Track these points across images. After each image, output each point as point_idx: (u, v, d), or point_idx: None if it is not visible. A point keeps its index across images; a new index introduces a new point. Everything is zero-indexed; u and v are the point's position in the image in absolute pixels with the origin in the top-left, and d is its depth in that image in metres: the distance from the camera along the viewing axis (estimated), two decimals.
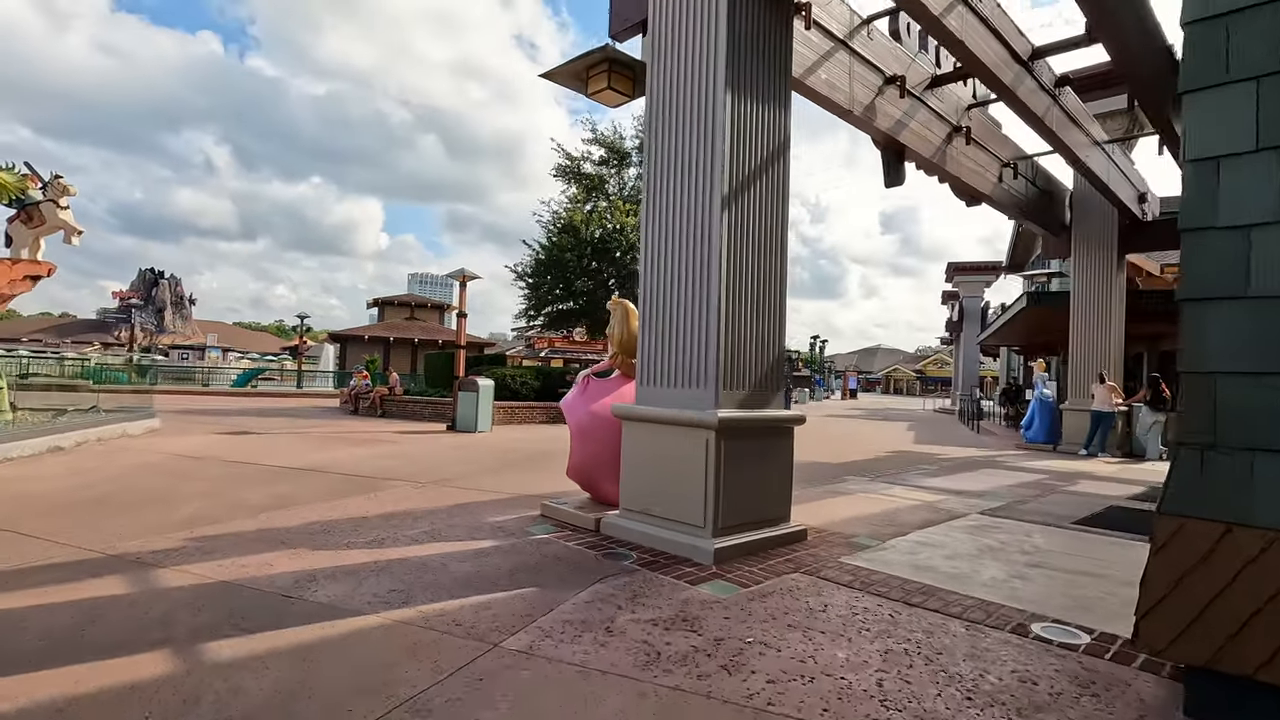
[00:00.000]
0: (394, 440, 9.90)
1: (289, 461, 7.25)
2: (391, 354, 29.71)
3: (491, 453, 8.78)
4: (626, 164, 19.64)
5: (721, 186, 4.06)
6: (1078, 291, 12.10)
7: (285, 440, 9.44)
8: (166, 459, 7.13)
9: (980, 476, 8.10)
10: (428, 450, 8.81)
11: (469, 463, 7.73)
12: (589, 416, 4.73)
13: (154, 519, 4.46)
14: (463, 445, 9.52)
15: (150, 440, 8.64)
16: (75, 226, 10.07)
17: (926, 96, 7.82)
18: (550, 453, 8.89)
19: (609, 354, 5.07)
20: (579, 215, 17.79)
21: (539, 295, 19.31)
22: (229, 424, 11.55)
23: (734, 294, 4.10)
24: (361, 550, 3.84)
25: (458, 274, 12.08)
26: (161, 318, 75.49)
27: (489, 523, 4.61)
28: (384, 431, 11.19)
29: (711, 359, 4.03)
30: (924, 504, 5.98)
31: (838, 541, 4.44)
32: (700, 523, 3.92)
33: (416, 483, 6.16)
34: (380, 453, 8.33)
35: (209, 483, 5.84)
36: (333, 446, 8.85)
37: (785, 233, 4.51)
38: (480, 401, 11.59)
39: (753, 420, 4.12)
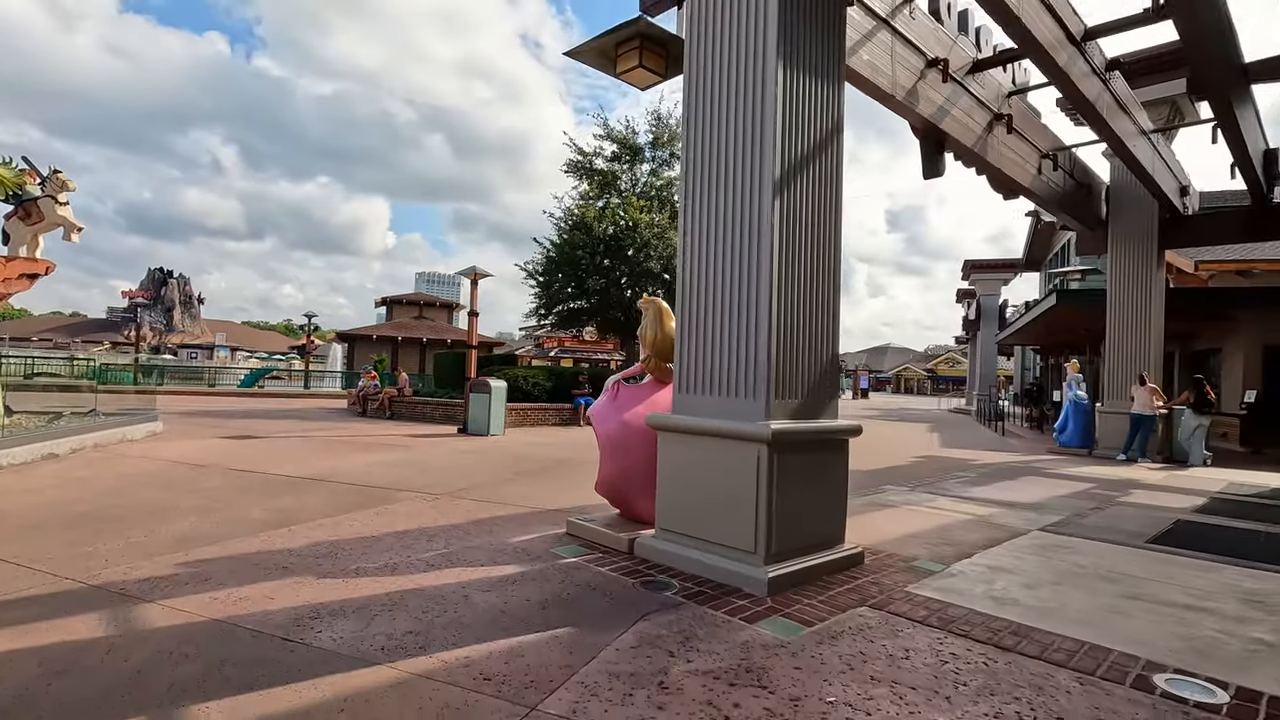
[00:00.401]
0: (403, 445, 9.51)
1: (294, 469, 6.86)
2: (399, 353, 29.38)
3: (506, 459, 8.38)
4: (640, 160, 19.18)
5: (772, 171, 3.62)
6: (1114, 288, 11.58)
7: (291, 445, 9.06)
8: (165, 467, 6.76)
9: (1024, 485, 7.63)
10: (439, 456, 8.42)
11: (483, 471, 7.32)
12: (620, 427, 4.30)
13: (145, 539, 4.06)
14: (475, 450, 9.13)
15: (151, 445, 8.27)
16: (75, 223, 9.72)
17: (967, 82, 7.36)
18: (568, 460, 8.48)
19: (641, 357, 4.64)
20: (591, 212, 17.34)
21: (550, 294, 18.87)
22: (234, 427, 11.20)
23: (785, 291, 3.67)
24: (372, 578, 3.43)
25: (469, 272, 11.68)
26: (170, 317, 75.65)
27: (511, 543, 4.19)
28: (393, 435, 10.81)
29: (761, 364, 3.59)
30: (977, 519, 5.53)
31: (897, 566, 4.00)
32: (750, 547, 3.49)
33: (429, 494, 5.76)
34: (390, 459, 7.94)
35: (208, 495, 5.45)
36: (340, 452, 8.46)
37: (839, 222, 4.07)
38: (493, 404, 11.19)
39: (807, 432, 3.68)
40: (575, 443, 10.57)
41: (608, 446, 4.33)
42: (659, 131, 18.81)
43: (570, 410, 14.32)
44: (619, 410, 4.36)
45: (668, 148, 19.13)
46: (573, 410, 14.32)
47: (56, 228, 9.63)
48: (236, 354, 62.55)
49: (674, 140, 19.05)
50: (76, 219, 9.76)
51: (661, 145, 18.99)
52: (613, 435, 4.31)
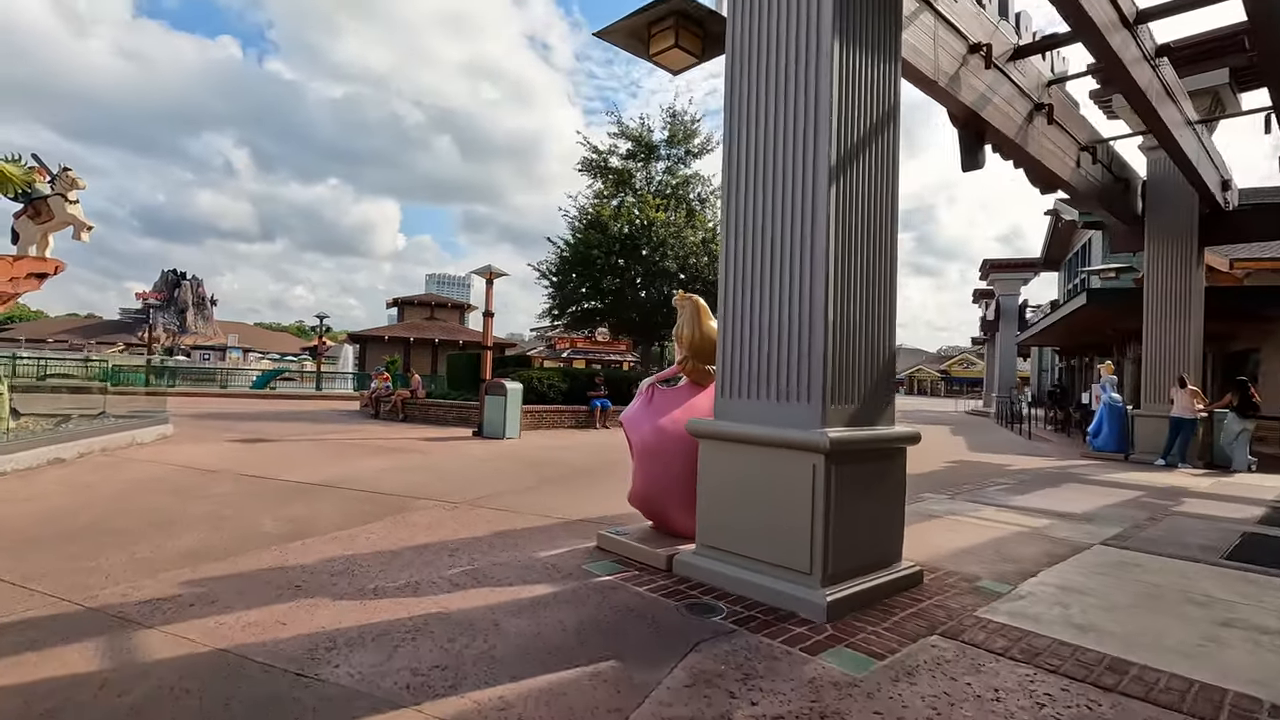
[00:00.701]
0: (418, 449, 9.25)
1: (307, 475, 6.61)
2: (411, 354, 29.23)
3: (525, 464, 8.09)
4: (655, 157, 18.91)
5: (828, 155, 3.31)
6: (1152, 286, 11.16)
7: (303, 449, 8.83)
8: (174, 472, 6.52)
9: (1069, 494, 7.26)
10: (455, 461, 8.15)
11: (503, 477, 7.04)
12: (655, 433, 4.00)
13: (150, 553, 3.80)
14: (492, 455, 8.85)
15: (160, 449, 8.06)
16: (85, 221, 9.54)
17: (1009, 69, 7.02)
18: (589, 466, 8.18)
19: (677, 358, 4.33)
20: (607, 210, 17.07)
21: (564, 294, 18.63)
22: (245, 430, 10.99)
23: (841, 286, 3.36)
24: (392, 599, 3.15)
25: (483, 270, 11.43)
26: (184, 318, 76.18)
27: (540, 559, 3.90)
28: (407, 438, 10.56)
29: (815, 366, 3.28)
30: (1030, 531, 5.19)
31: (960, 586, 3.67)
32: (805, 567, 3.18)
33: (448, 503, 5.48)
34: (405, 464, 7.67)
35: (218, 503, 5.20)
36: (353, 456, 8.21)
37: (896, 210, 3.75)
38: (508, 406, 10.92)
39: (866, 441, 3.37)
40: (594, 446, 10.28)
41: (642, 455, 4.03)
42: (675, 129, 18.53)
43: (586, 413, 14.04)
44: (654, 415, 4.06)
45: (683, 145, 18.85)
46: (588, 413, 14.04)
47: (66, 226, 9.46)
48: (249, 355, 62.80)
49: (690, 137, 18.78)
50: (86, 218, 9.59)
51: (677, 143, 18.71)
52: (647, 442, 4.00)
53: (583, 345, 29.76)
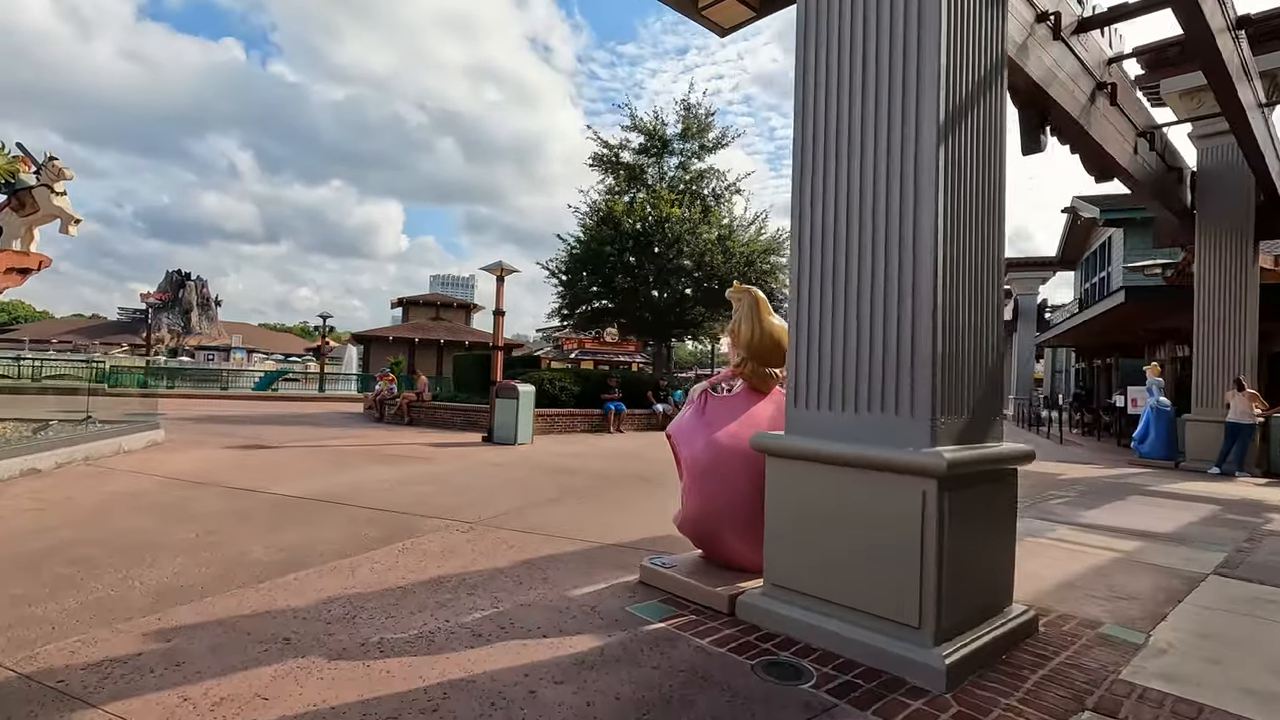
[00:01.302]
0: (426, 456, 8.66)
1: (306, 488, 6.02)
2: (416, 355, 28.65)
3: (542, 474, 7.49)
4: (668, 152, 18.29)
5: (933, 112, 2.70)
6: (1203, 283, 10.50)
7: (303, 457, 8.24)
8: (159, 486, 5.94)
9: (1139, 508, 6.62)
10: (467, 470, 7.55)
11: (520, 489, 6.43)
12: (711, 449, 3.38)
13: (113, 591, 3.21)
14: (506, 463, 8.25)
15: (148, 458, 7.48)
16: (73, 214, 8.98)
17: (1073, 43, 6.40)
18: (612, 475, 7.57)
19: (732, 361, 3.72)
20: (619, 206, 16.46)
21: (573, 293, 18.03)
22: (243, 435, 10.41)
23: (949, 272, 2.74)
24: (402, 659, 2.54)
25: (494, 267, 10.83)
26: (188, 319, 75.96)
27: (576, 599, 3.29)
28: (413, 444, 9.97)
29: (922, 372, 2.67)
30: (1123, 556, 4.56)
31: (1083, 634, 3.05)
32: (912, 619, 2.57)
33: (462, 522, 4.87)
34: (413, 474, 7.07)
35: (202, 524, 4.60)
36: (357, 465, 7.62)
37: (1004, 181, 3.14)
38: (520, 410, 10.32)
39: (982, 461, 2.75)
40: (613, 453, 9.67)
41: (695, 473, 3.42)
42: (689, 122, 17.92)
43: (599, 416, 13.44)
44: (708, 428, 3.44)
45: (697, 139, 18.24)
46: (602, 416, 13.44)
47: (53, 220, 8.91)
48: (253, 356, 62.44)
49: (704, 131, 18.17)
50: (74, 210, 9.03)
51: (691, 136, 18.10)
52: (701, 460, 3.39)
53: (591, 346, 29.13)
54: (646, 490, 6.62)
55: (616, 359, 29.23)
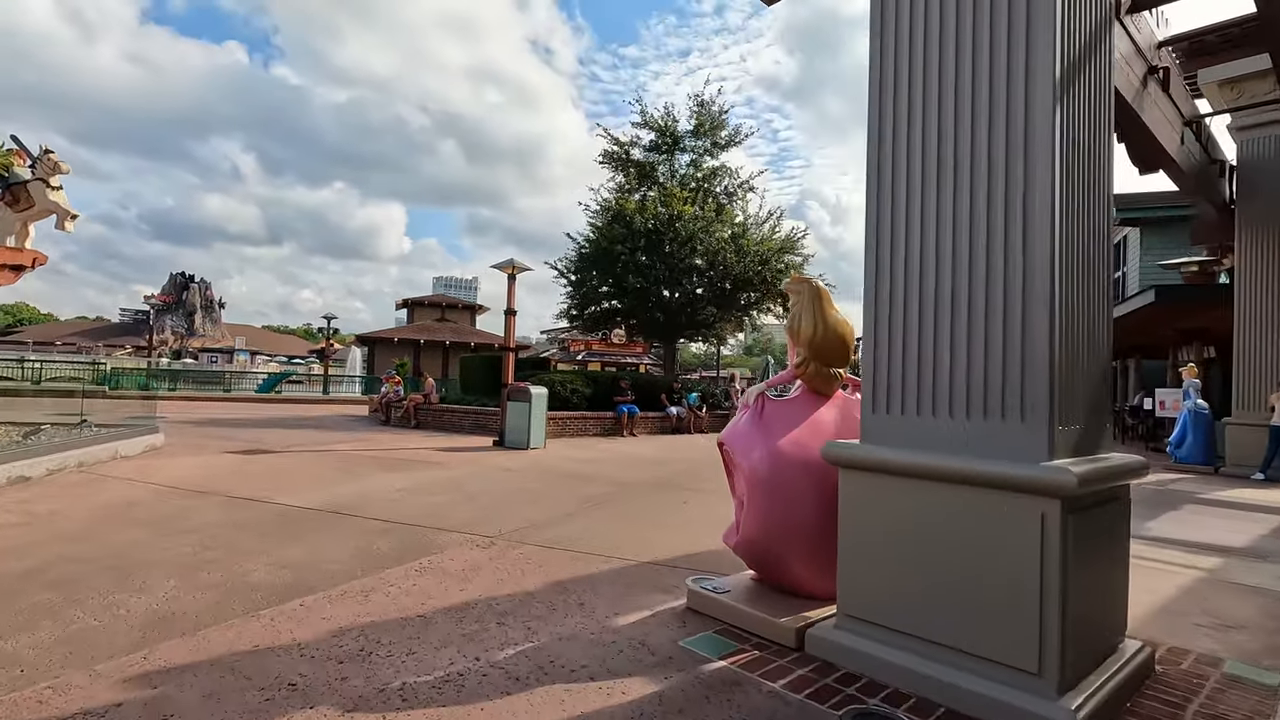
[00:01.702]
0: (437, 462, 8.28)
1: (310, 497, 5.64)
2: (422, 357, 28.30)
3: (561, 480, 7.10)
4: (679, 149, 17.91)
5: (1048, 68, 2.31)
6: (1244, 281, 10.07)
7: (308, 462, 7.86)
8: (155, 495, 5.56)
9: (1198, 518, 6.21)
10: (481, 477, 7.16)
11: (539, 498, 6.04)
12: (772, 460, 2.99)
13: (97, 622, 2.83)
14: (520, 469, 7.86)
15: (146, 464, 7.11)
16: (69, 210, 8.64)
17: (1126, 22, 6.02)
18: (633, 482, 7.17)
19: (792, 360, 3.32)
20: (631, 204, 16.06)
21: (582, 293, 17.65)
22: (246, 439, 10.05)
23: (1063, 254, 2.35)
24: (429, 710, 2.15)
25: (505, 264, 10.46)
26: (192, 321, 75.82)
27: (619, 629, 2.90)
28: (423, 449, 9.59)
29: (1037, 370, 2.28)
30: (1204, 574, 4.16)
31: (1205, 674, 2.65)
32: (1031, 665, 2.17)
33: (483, 537, 4.49)
34: (424, 482, 6.69)
35: (200, 539, 4.22)
36: (365, 472, 7.24)
37: (1113, 149, 2.75)
38: (533, 413, 9.93)
39: (1106, 476, 2.36)
40: (629, 459, 9.28)
41: (755, 487, 3.02)
42: (702, 118, 17.54)
43: (612, 419, 13.05)
44: (767, 435, 3.04)
45: (709, 136, 17.85)
46: (614, 419, 13.05)
47: (49, 215, 8.57)
48: (256, 358, 62.27)
49: (717, 128, 17.80)
50: (70, 205, 8.69)
51: (703, 133, 17.72)
52: (760, 471, 2.99)
53: (598, 347, 28.73)
54: (671, 499, 6.23)
55: (623, 361, 28.86)
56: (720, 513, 5.56)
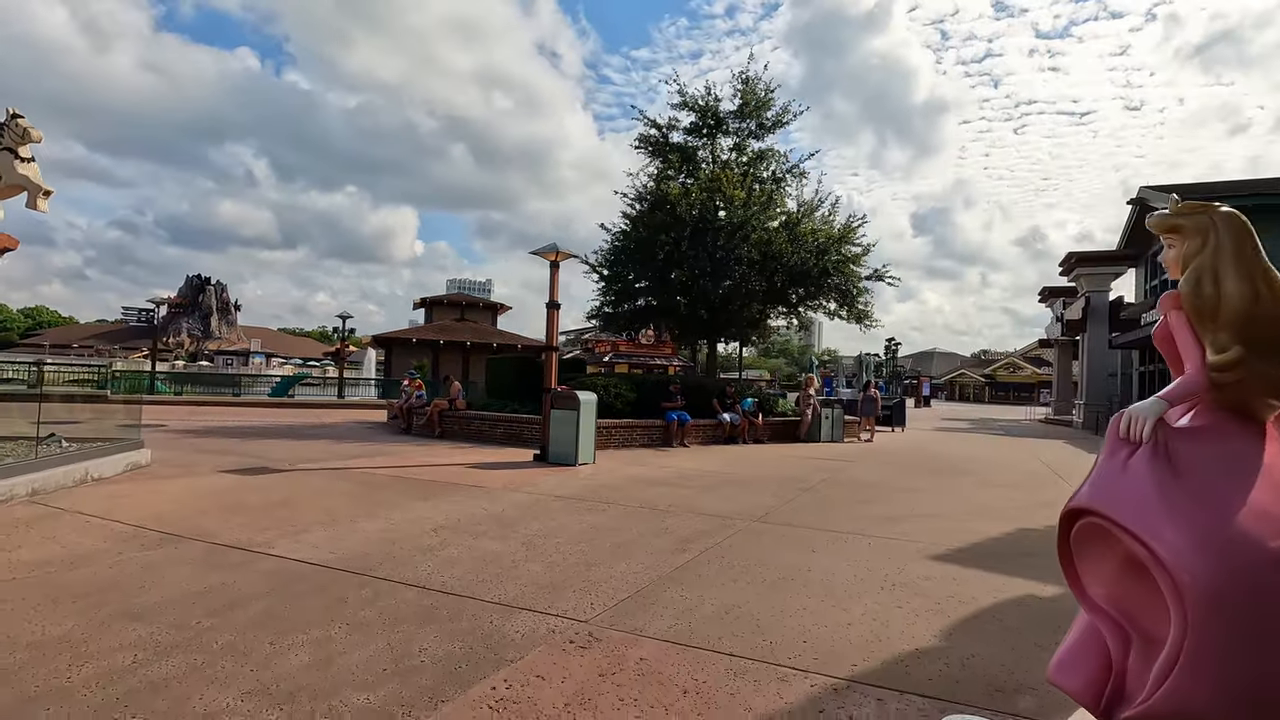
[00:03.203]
0: (474, 483, 6.85)
1: (321, 543, 4.22)
2: (441, 358, 26.97)
3: (635, 515, 5.63)
4: (722, 131, 16.37)
5: None
6: None
7: (319, 486, 6.46)
8: (115, 543, 4.16)
9: None
10: (534, 509, 5.72)
11: (622, 544, 4.58)
12: (1232, 554, 1.48)
13: None
14: (578, 496, 6.41)
15: (120, 490, 5.74)
16: (41, 185, 7.31)
17: None
18: (725, 515, 5.68)
19: (1210, 354, 1.82)
20: (676, 189, 14.53)
21: (617, 289, 16.15)
22: (248, 452, 8.69)
23: None
24: None
25: (548, 249, 9.02)
26: (207, 323, 75.44)
27: None
28: (454, 465, 8.18)
29: None
30: None
31: None
32: None
33: (571, 621, 3.02)
34: (465, 516, 5.26)
35: (152, 629, 2.79)
36: (390, 499, 5.83)
37: None
38: (581, 423, 8.49)
39: None
40: (699, 479, 7.79)
41: (1203, 607, 1.51)
42: (747, 96, 16.00)
43: (660, 427, 11.58)
44: (1205, 502, 1.55)
45: (754, 117, 16.31)
46: (663, 427, 11.58)
47: (19, 192, 7.25)
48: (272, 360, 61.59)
49: (763, 108, 16.25)
50: (43, 180, 7.37)
51: (749, 114, 16.17)
52: (1210, 578, 1.49)
53: (626, 348, 27.28)
54: (789, 544, 4.75)
55: (653, 362, 27.40)
56: (871, 564, 4.12)
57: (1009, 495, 7.37)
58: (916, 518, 5.81)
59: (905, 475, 8.74)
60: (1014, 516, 6.06)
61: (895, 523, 5.55)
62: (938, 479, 8.47)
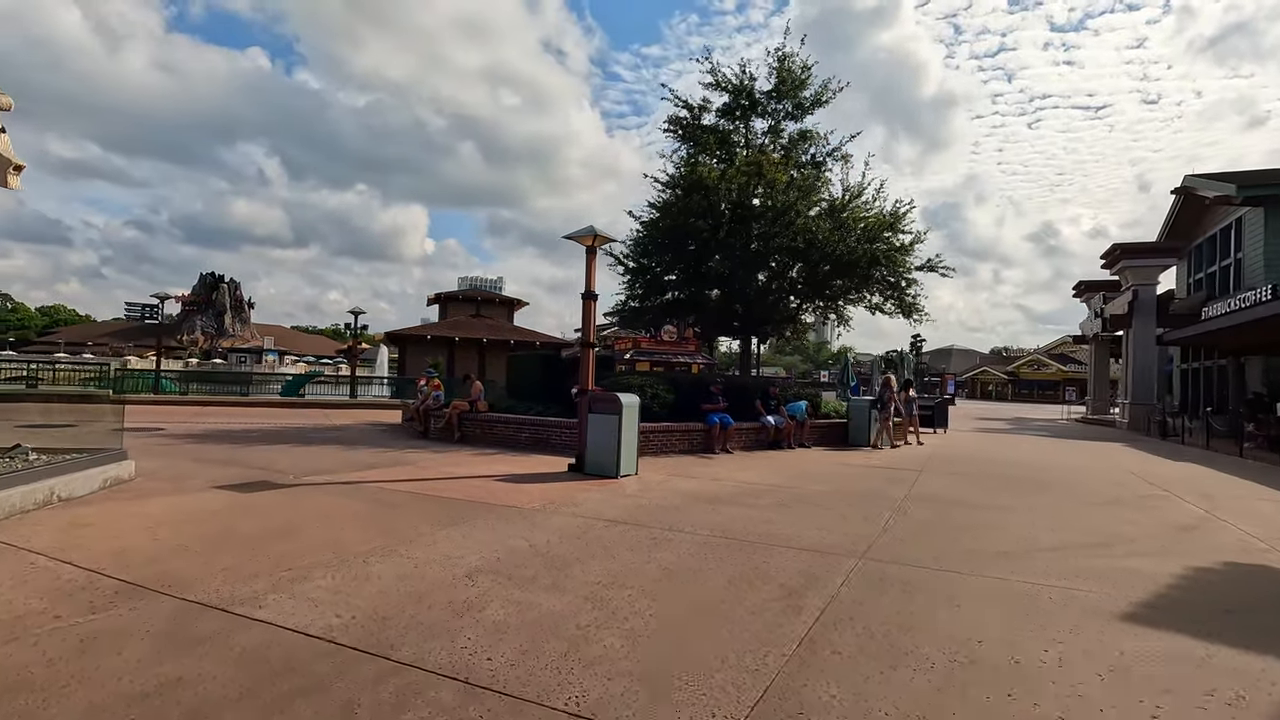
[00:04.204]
0: (508, 501, 5.85)
1: (320, 596, 3.24)
2: (456, 356, 26.05)
3: (716, 549, 4.60)
4: (757, 113, 15.27)
5: None
6: None
7: (326, 508, 5.49)
8: (54, 599, 3.19)
9: None
10: (588, 540, 4.70)
11: (717, 599, 3.55)
12: None
13: None
14: (634, 518, 5.39)
15: (88, 514, 4.79)
16: (12, 159, 6.37)
17: None
18: (821, 548, 4.63)
19: None
20: (712, 172, 13.43)
21: (646, 282, 15.12)
22: (250, 461, 7.76)
23: None
24: None
25: (585, 234, 8.00)
26: (221, 321, 75.14)
27: None
28: (480, 478, 7.19)
29: None
30: None
31: None
32: None
33: None
34: (504, 554, 4.25)
35: None
36: (408, 525, 4.84)
37: None
38: (624, 429, 7.47)
39: None
40: (764, 494, 6.75)
41: None
42: (784, 74, 14.89)
43: (701, 432, 10.53)
44: None
45: (791, 98, 15.19)
46: (704, 431, 10.53)
47: None
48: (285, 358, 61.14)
49: (800, 87, 15.12)
50: (14, 154, 6.44)
51: (785, 94, 15.06)
52: None
53: (648, 345, 26.19)
54: (927, 594, 3.70)
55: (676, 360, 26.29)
56: (1050, 632, 2.86)
57: (1128, 517, 6.27)
58: (1043, 553, 4.74)
59: (985, 490, 7.64)
60: (1160, 548, 4.98)
61: (1023, 560, 4.49)
62: (1025, 495, 7.37)
